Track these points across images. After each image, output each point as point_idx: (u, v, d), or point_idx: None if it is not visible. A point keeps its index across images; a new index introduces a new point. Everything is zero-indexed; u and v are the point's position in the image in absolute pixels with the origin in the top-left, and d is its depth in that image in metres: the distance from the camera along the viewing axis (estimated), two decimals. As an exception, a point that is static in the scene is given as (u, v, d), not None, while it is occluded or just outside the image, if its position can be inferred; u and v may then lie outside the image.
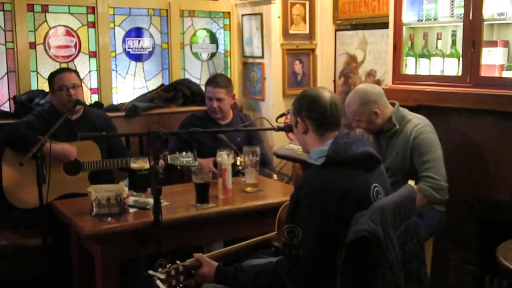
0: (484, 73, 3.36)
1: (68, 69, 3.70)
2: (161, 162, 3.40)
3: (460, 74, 3.49)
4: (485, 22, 3.33)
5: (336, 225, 2.06)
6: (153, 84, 4.83)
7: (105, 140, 3.63)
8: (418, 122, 3.20)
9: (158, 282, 2.18)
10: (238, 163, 3.39)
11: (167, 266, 2.25)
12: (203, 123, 3.93)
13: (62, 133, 3.42)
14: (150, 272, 2.21)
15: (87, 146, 3.50)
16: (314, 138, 2.28)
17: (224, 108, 3.96)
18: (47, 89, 4.17)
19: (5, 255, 3.31)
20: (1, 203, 3.48)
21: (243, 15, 5.03)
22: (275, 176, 3.80)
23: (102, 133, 3.09)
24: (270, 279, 2.17)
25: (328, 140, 2.24)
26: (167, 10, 4.78)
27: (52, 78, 3.57)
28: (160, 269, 2.23)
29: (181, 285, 2.26)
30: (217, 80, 3.96)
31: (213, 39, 5.10)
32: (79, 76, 3.66)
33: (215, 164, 3.46)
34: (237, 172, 3.50)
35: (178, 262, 2.29)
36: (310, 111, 2.26)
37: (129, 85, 4.74)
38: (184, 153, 3.47)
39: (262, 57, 4.88)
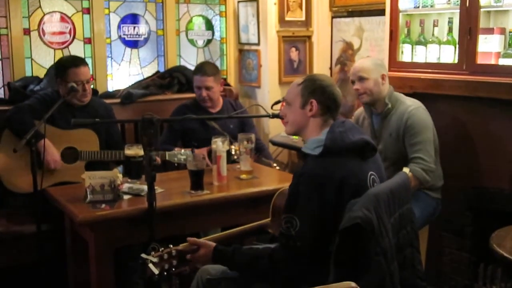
0: (480, 60, 3.35)
1: (82, 61, 3.61)
2: (157, 159, 3.38)
3: (456, 61, 3.48)
4: (481, 9, 3.31)
5: (335, 215, 2.07)
6: (149, 71, 4.80)
7: (103, 130, 3.61)
8: (410, 103, 3.25)
9: (150, 265, 2.18)
10: (233, 152, 3.37)
11: (160, 250, 2.25)
12: (193, 112, 3.88)
13: (62, 119, 3.41)
14: (143, 255, 2.21)
15: (87, 135, 3.49)
16: (318, 122, 2.29)
17: (213, 96, 3.93)
18: (42, 75, 4.16)
19: (-1, 241, 3.31)
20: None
21: (239, 1, 4.99)
22: (275, 165, 3.79)
23: (95, 120, 3.07)
24: (266, 266, 2.18)
25: (325, 128, 2.26)
26: (162, -4, 4.76)
27: (65, 69, 3.49)
28: (153, 253, 2.23)
29: (173, 269, 2.27)
30: (204, 69, 3.92)
31: (209, 25, 5.07)
32: (88, 66, 3.64)
33: (210, 154, 3.44)
34: (232, 161, 3.48)
35: (171, 246, 2.29)
36: (327, 96, 2.28)
37: (124, 72, 4.71)
38: (182, 150, 3.44)
39: (258, 44, 4.86)
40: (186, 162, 3.37)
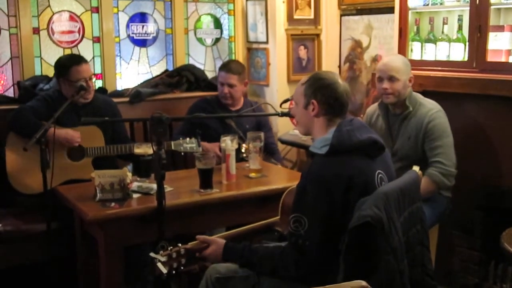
0: (490, 58, 3.33)
1: (83, 59, 3.63)
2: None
3: (466, 59, 3.46)
4: (492, 7, 3.29)
5: (343, 213, 2.06)
6: (157, 69, 4.80)
7: (109, 127, 3.63)
8: (431, 107, 3.21)
9: (159, 264, 2.18)
10: (243, 150, 3.37)
11: (169, 249, 2.25)
12: (212, 107, 3.92)
13: (67, 118, 3.42)
14: (152, 254, 2.21)
15: (91, 131, 3.50)
16: (322, 122, 2.28)
17: (235, 94, 3.95)
18: (51, 74, 4.17)
19: (9, 240, 3.31)
20: (5, 189, 3.48)
21: (247, 0, 4.99)
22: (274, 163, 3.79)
23: (104, 118, 3.08)
24: (275, 264, 2.18)
25: (332, 127, 2.24)
26: (171, -5, 4.76)
27: (67, 68, 3.51)
28: (161, 252, 2.23)
29: (182, 268, 2.27)
30: (230, 66, 3.97)
31: (217, 24, 5.07)
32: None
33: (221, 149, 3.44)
34: (241, 158, 3.48)
35: (180, 245, 2.29)
36: (327, 96, 2.25)
37: (133, 70, 4.72)
38: (188, 139, 3.46)
39: (267, 42, 4.85)
40: (192, 151, 3.38)
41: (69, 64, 3.52)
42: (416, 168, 2.37)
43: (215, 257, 2.33)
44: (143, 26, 4.71)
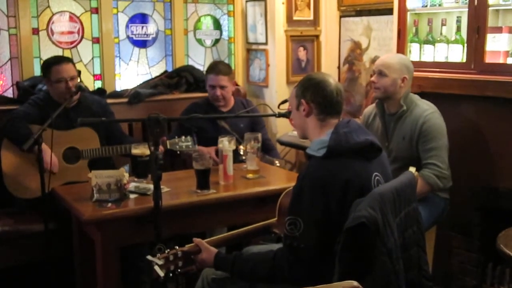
0: (488, 59, 3.33)
1: (65, 59, 3.62)
2: (161, 148, 3.38)
3: (464, 60, 3.46)
4: (490, 8, 3.29)
5: (339, 216, 2.06)
6: (157, 70, 4.81)
7: (103, 127, 3.60)
8: (426, 107, 3.20)
9: (156, 267, 2.18)
10: (241, 152, 3.36)
11: (166, 252, 2.25)
12: (204, 110, 3.90)
13: (58, 121, 3.39)
14: (148, 257, 2.21)
15: (86, 133, 3.48)
16: (315, 122, 2.28)
17: (227, 95, 3.93)
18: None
19: (7, 240, 3.32)
20: (3, 189, 3.47)
21: (247, 1, 4.99)
22: (277, 163, 3.77)
23: (101, 119, 3.07)
24: (269, 268, 2.18)
25: (328, 128, 2.24)
26: (170, -4, 4.76)
27: (48, 68, 3.50)
28: (158, 255, 2.22)
29: (179, 270, 2.27)
30: (219, 68, 3.92)
31: (217, 25, 5.07)
32: (74, 65, 3.63)
33: (218, 152, 3.43)
34: (240, 160, 3.48)
35: (177, 247, 2.29)
36: (316, 94, 2.25)
37: (133, 71, 4.73)
38: (183, 137, 3.45)
39: (266, 43, 4.85)
40: (187, 149, 3.38)
41: (50, 64, 3.52)
42: (412, 169, 2.36)
43: (207, 264, 2.33)
44: (142, 27, 4.72)
